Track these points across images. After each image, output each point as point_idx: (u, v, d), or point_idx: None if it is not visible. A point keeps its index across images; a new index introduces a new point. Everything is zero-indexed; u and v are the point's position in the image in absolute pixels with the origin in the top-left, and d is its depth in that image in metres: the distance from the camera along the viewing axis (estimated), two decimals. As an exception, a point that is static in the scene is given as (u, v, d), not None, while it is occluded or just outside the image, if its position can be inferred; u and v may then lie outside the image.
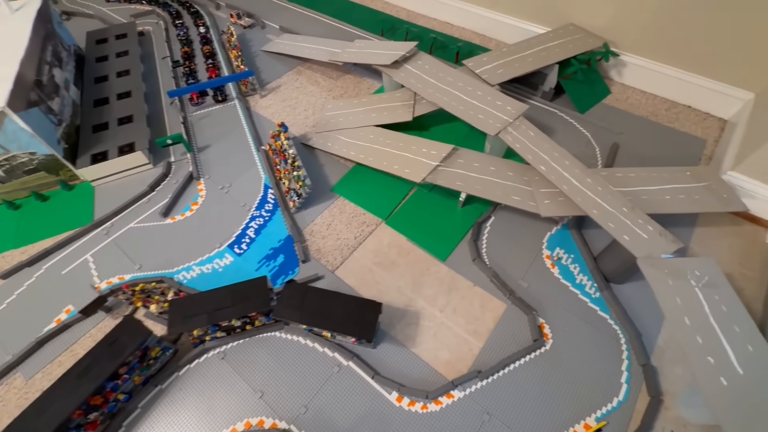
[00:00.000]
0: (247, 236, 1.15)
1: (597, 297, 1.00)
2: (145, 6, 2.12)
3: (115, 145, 1.29)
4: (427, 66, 1.38)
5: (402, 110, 1.35)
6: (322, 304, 0.87)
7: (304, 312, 0.86)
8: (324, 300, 0.88)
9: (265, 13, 2.03)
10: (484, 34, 1.85)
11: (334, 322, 0.85)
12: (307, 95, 1.58)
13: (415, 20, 1.96)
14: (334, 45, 1.64)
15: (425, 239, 1.12)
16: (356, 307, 0.87)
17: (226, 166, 1.34)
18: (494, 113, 1.19)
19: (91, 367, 0.79)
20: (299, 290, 0.90)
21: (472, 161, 1.14)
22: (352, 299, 0.88)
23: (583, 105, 1.46)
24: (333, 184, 1.27)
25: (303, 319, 0.85)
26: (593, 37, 1.50)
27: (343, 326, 0.84)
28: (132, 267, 1.10)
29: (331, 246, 1.13)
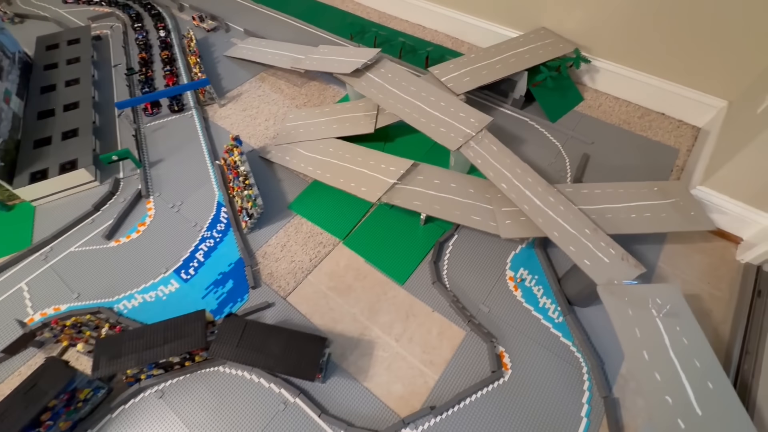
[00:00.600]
0: (196, 260, 1.08)
1: (560, 322, 0.95)
2: (105, 8, 2.02)
3: (56, 162, 1.21)
4: (390, 74, 1.31)
5: (365, 121, 1.28)
6: (262, 340, 0.81)
7: (241, 349, 0.80)
8: (265, 335, 0.82)
9: (231, 16, 1.95)
10: (456, 37, 1.79)
11: (274, 360, 0.79)
12: (269, 104, 1.51)
13: (387, 22, 1.89)
14: (298, 50, 1.57)
15: (384, 261, 1.06)
16: (299, 343, 0.81)
17: (179, 183, 1.27)
18: (457, 126, 1.13)
19: (4, 417, 0.72)
20: (238, 324, 0.83)
21: (433, 178, 1.08)
22: (296, 334, 0.82)
23: (554, 113, 1.41)
24: (290, 201, 1.21)
25: (240, 358, 0.79)
26: (564, 42, 1.44)
27: (283, 365, 0.78)
28: (70, 296, 1.03)
29: (285, 269, 1.06)
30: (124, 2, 2.02)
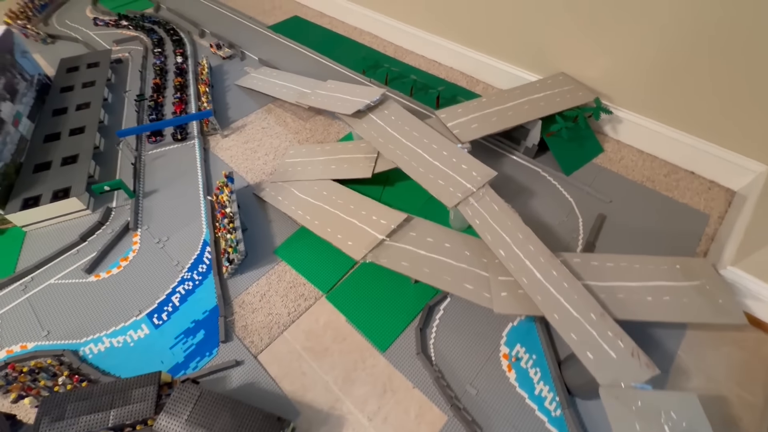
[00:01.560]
0: (171, 303, 1.03)
1: (558, 416, 0.83)
2: (131, 32, 2.08)
3: (50, 188, 1.20)
4: (394, 117, 1.25)
5: (363, 164, 1.22)
6: (214, 415, 0.73)
7: (190, 425, 0.72)
8: (218, 408, 0.74)
9: (249, 44, 1.96)
10: (471, 76, 1.72)
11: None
12: (271, 137, 1.48)
13: (402, 57, 1.86)
14: (307, 84, 1.54)
15: (366, 323, 0.98)
16: (255, 423, 0.73)
17: (169, 216, 1.23)
18: (457, 179, 1.05)
19: (-69, 480, 0.67)
20: (192, 394, 0.76)
21: (426, 235, 1.00)
22: (253, 412, 0.74)
23: (570, 165, 1.30)
24: (277, 245, 1.15)
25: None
26: (585, 89, 1.35)
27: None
28: (39, 333, 0.99)
29: (261, 322, 0.99)
30: (150, 27, 2.08)
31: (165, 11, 2.27)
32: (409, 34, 1.84)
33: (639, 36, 1.17)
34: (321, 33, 2.05)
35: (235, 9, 2.27)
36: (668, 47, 1.13)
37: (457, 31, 1.66)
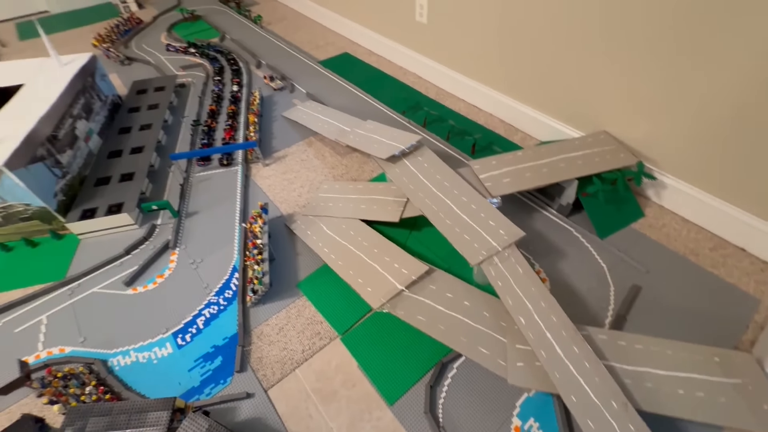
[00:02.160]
0: (196, 326, 1.08)
1: (567, 506, 0.77)
2: (196, 59, 2.28)
3: (107, 202, 1.32)
4: (427, 164, 1.28)
5: (392, 208, 1.24)
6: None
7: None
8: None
9: (300, 77, 2.09)
10: (510, 124, 1.72)
11: (224, 481, 0.72)
12: (308, 170, 1.54)
13: (443, 99, 1.90)
14: (348, 122, 1.61)
15: (377, 372, 0.97)
16: (255, 465, 0.74)
17: (206, 238, 1.31)
18: (483, 235, 1.04)
19: (-36, 473, 0.73)
20: (200, 425, 0.79)
21: (446, 290, 0.99)
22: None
23: (605, 228, 1.26)
24: (301, 279, 1.18)
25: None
26: (627, 151, 1.31)
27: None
28: (77, 339, 1.07)
29: (275, 356, 1.02)
30: (213, 55, 2.27)
31: (229, 41, 2.47)
32: (450, 77, 1.89)
33: (688, 99, 1.13)
34: (368, 71, 2.15)
35: (291, 43, 2.43)
36: (718, 113, 1.08)
37: (499, 78, 1.68)
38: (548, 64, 1.45)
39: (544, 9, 1.36)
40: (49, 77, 1.48)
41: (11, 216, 1.24)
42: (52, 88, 1.41)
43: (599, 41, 1.26)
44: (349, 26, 2.41)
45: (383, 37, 2.19)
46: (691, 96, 1.11)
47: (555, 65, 1.43)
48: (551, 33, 1.38)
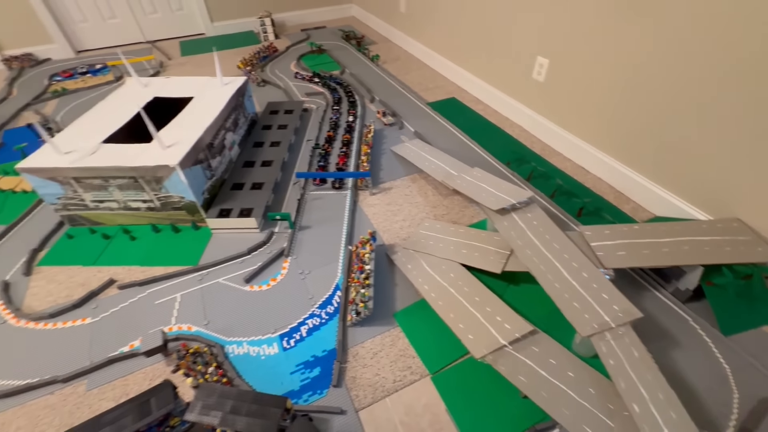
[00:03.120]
0: (299, 333, 1.18)
1: None
2: (319, 88, 2.56)
3: (239, 206, 1.52)
4: (536, 222, 1.29)
5: (494, 258, 1.27)
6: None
7: (301, 460, 0.81)
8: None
9: (408, 115, 2.24)
10: (621, 192, 1.67)
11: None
12: (411, 205, 1.63)
13: (549, 156, 1.90)
14: (454, 165, 1.69)
15: (467, 421, 0.98)
16: (352, 484, 0.78)
17: (314, 253, 1.44)
18: (595, 307, 1.02)
19: (120, 418, 0.87)
20: (307, 429, 0.86)
21: (549, 355, 0.98)
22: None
23: (731, 325, 1.14)
24: (397, 310, 1.24)
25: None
26: (765, 245, 1.20)
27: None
28: (202, 321, 1.23)
29: (368, 380, 1.07)
30: (334, 86, 2.53)
31: (348, 75, 2.74)
32: (559, 135, 1.89)
33: None
34: (473, 117, 2.23)
35: (403, 83, 2.62)
36: None
37: (614, 143, 1.65)
38: (676, 135, 1.40)
39: (679, 76, 1.33)
40: (213, 93, 1.77)
41: (167, 204, 1.48)
42: (216, 103, 1.69)
43: (744, 116, 1.20)
44: (459, 73, 2.54)
45: (493, 88, 2.28)
46: None
47: (684, 137, 1.38)
48: (683, 102, 1.34)
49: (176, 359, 1.08)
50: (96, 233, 1.53)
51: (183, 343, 1.10)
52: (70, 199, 1.46)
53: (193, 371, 1.04)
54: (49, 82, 2.74)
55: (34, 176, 1.37)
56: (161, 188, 1.42)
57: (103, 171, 1.35)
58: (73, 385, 1.08)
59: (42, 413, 1.03)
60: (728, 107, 1.23)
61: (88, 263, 1.42)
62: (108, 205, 1.48)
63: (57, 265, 1.42)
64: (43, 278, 1.38)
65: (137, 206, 1.49)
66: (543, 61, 1.86)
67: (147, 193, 1.44)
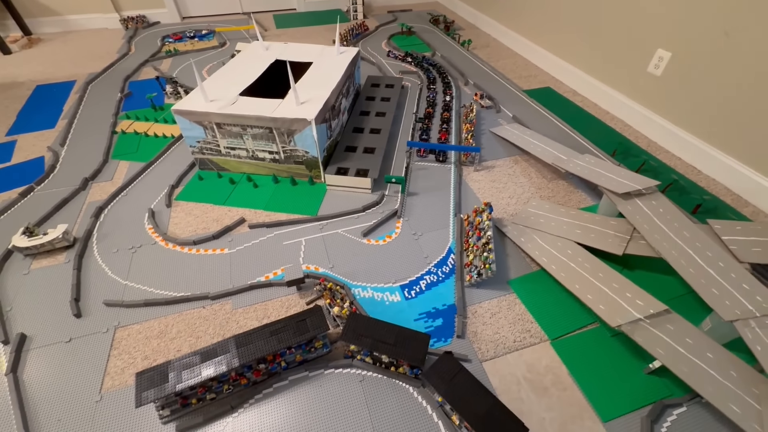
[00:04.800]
0: (419, 286, 1.25)
1: None
2: (412, 67, 2.61)
3: (355, 166, 1.61)
4: (662, 210, 1.28)
5: (613, 241, 1.27)
6: (469, 392, 0.88)
7: (451, 389, 0.88)
8: (473, 389, 0.88)
9: (504, 100, 2.25)
10: (739, 195, 1.60)
11: (478, 419, 0.84)
12: (515, 185, 1.66)
13: (655, 152, 1.85)
14: (561, 150, 1.69)
15: (589, 383, 1.01)
16: (502, 417, 0.84)
17: (424, 218, 1.50)
18: (735, 295, 1.01)
19: (281, 331, 0.98)
20: (453, 366, 0.93)
21: (685, 335, 0.99)
22: (500, 406, 0.86)
23: None
24: (511, 278, 1.28)
25: (448, 397, 0.87)
26: None
27: (482, 427, 0.82)
28: (327, 264, 1.33)
29: (488, 337, 1.13)
30: (427, 66, 2.58)
31: (438, 57, 2.77)
32: (669, 131, 1.84)
33: None
34: (571, 108, 2.20)
35: (496, 69, 2.62)
36: None
37: (736, 143, 1.59)
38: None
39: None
40: (331, 61, 1.87)
41: (291, 157, 1.59)
42: (336, 69, 1.78)
43: None
44: (555, 62, 2.50)
45: (594, 79, 2.23)
46: None
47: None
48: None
49: (314, 293, 1.19)
50: (222, 178, 1.68)
51: (322, 278, 1.20)
52: (207, 143, 1.60)
53: (338, 302, 1.14)
54: (162, 42, 2.97)
55: (185, 119, 1.52)
56: (291, 141, 1.53)
57: (245, 120, 1.48)
58: (221, 303, 1.22)
59: (197, 322, 1.16)
60: None
61: (218, 202, 1.56)
62: (238, 153, 1.62)
63: (192, 201, 1.58)
64: (182, 211, 1.54)
65: (263, 156, 1.61)
66: (664, 54, 1.80)
67: (276, 145, 1.56)
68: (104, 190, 1.63)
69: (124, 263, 1.33)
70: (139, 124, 2.02)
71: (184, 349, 1.10)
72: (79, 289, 1.24)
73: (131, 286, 1.26)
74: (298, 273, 1.19)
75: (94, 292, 1.24)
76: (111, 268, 1.31)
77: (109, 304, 1.20)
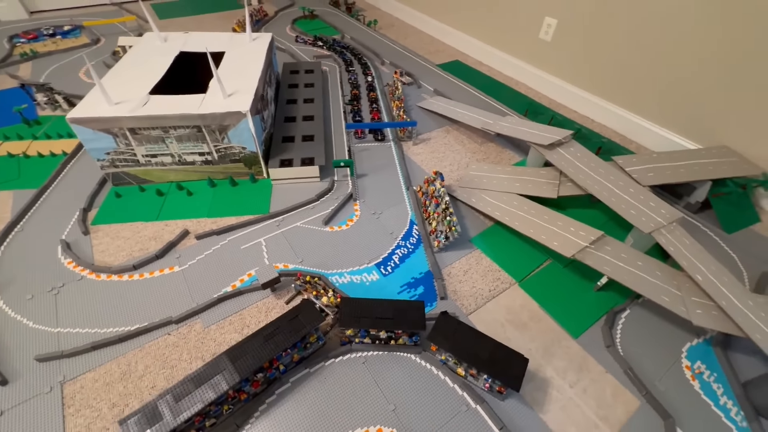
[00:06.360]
0: (393, 261, 1.28)
1: (744, 426, 0.95)
2: (325, 51, 2.56)
3: (299, 156, 1.55)
4: (579, 154, 1.49)
5: (547, 187, 1.45)
6: (471, 343, 0.95)
7: (454, 344, 0.94)
8: (474, 339, 0.95)
9: (422, 76, 2.34)
10: (624, 136, 1.94)
11: (483, 363, 0.91)
12: (453, 152, 1.77)
13: (557, 109, 2.13)
14: (485, 115, 1.84)
15: (557, 311, 1.16)
16: (503, 355, 0.93)
17: (378, 196, 1.52)
18: (648, 213, 1.24)
19: (276, 333, 0.93)
20: (451, 323, 0.98)
21: (620, 252, 1.19)
22: (500, 346, 0.95)
23: (731, 226, 1.45)
24: (471, 237, 1.38)
25: (455, 351, 0.93)
26: (749, 164, 1.51)
27: (491, 369, 0.90)
28: (295, 259, 1.27)
29: (467, 292, 1.21)
30: (340, 50, 2.54)
31: (349, 39, 2.75)
32: (564, 89, 2.13)
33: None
34: (481, 77, 2.39)
35: (407, 47, 2.70)
36: None
37: (618, 92, 1.91)
38: (673, 79, 1.68)
39: (676, 28, 1.59)
40: (245, 48, 1.74)
41: (226, 156, 1.46)
42: (254, 56, 1.66)
43: (727, 60, 1.48)
44: (459, 36, 2.68)
45: (496, 50, 2.45)
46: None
47: (679, 80, 1.65)
48: (678, 50, 1.61)
49: (291, 291, 1.14)
50: (146, 191, 1.47)
51: (299, 274, 1.15)
52: (120, 153, 1.38)
53: (322, 292, 1.10)
54: (11, 44, 2.41)
55: (86, 128, 1.29)
56: (224, 138, 1.40)
57: (167, 120, 1.31)
58: (188, 325, 1.09)
59: (166, 351, 1.03)
60: (716, 55, 1.50)
61: (149, 219, 1.38)
62: (161, 159, 1.43)
63: (114, 223, 1.36)
64: (106, 235, 1.32)
65: (192, 160, 1.46)
66: (551, 21, 2.06)
67: (206, 145, 1.41)
68: (-13, 229, 1.31)
69: (47, 309, 1.10)
70: (12, 145, 1.65)
71: (159, 383, 0.97)
72: (-8, 352, 1.00)
73: (66, 332, 1.06)
74: (272, 273, 1.12)
75: (16, 351, 1.01)
76: (31, 318, 1.08)
77: (43, 359, 0.99)
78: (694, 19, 1.54)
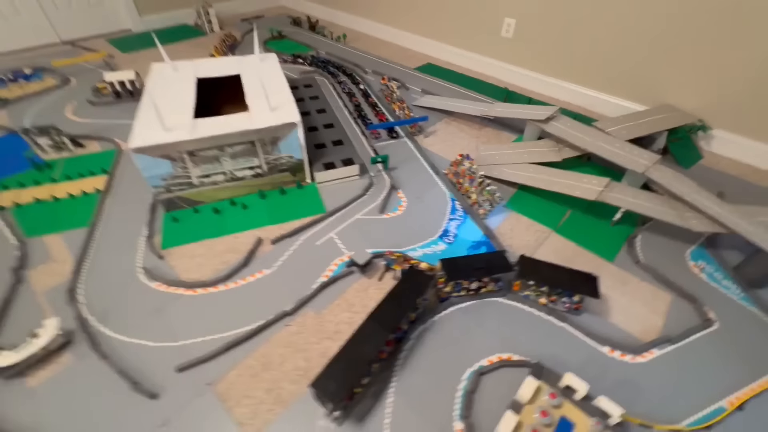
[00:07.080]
0: (451, 233, 1.48)
1: (742, 296, 1.28)
2: (308, 67, 2.70)
3: (338, 158, 1.69)
4: (569, 124, 1.82)
5: (550, 153, 1.76)
6: (552, 272, 1.18)
7: (540, 277, 1.17)
8: (552, 269, 1.19)
9: (405, 79, 2.59)
10: (586, 108, 2.34)
11: (566, 284, 1.15)
12: (459, 139, 2.02)
13: (528, 94, 2.48)
14: (479, 105, 2.13)
15: (592, 245, 1.44)
16: (578, 275, 1.17)
17: (414, 184, 1.72)
18: (635, 158, 1.59)
19: (400, 296, 1.08)
20: (530, 263, 1.21)
21: (624, 191, 1.51)
22: (572, 271, 1.19)
23: (687, 162, 1.86)
24: (505, 203, 1.63)
25: (542, 281, 1.15)
26: (687, 115, 1.95)
27: (574, 287, 1.14)
28: (370, 244, 1.42)
29: (519, 244, 1.45)
30: (322, 64, 2.70)
31: (324, 54, 2.92)
32: (530, 77, 2.50)
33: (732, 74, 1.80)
34: (455, 75, 2.70)
35: (380, 56, 2.94)
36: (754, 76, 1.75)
37: (575, 73, 2.31)
38: (619, 55, 2.09)
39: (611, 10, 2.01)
40: (258, 68, 1.84)
41: (275, 167, 1.57)
42: (273, 73, 1.78)
43: (662, 30, 1.92)
44: (425, 42, 2.97)
45: (463, 50, 2.78)
46: (734, 71, 1.78)
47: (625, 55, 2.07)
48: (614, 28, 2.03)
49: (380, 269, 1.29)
50: (200, 212, 1.52)
51: (388, 251, 1.31)
52: (176, 178, 1.43)
53: (415, 261, 1.27)
54: (-33, 92, 2.24)
55: (147, 155, 1.33)
56: (275, 149, 1.51)
57: (226, 138, 1.39)
58: (302, 315, 1.20)
59: (293, 338, 1.13)
60: (652, 28, 1.94)
61: (217, 234, 1.44)
62: (213, 179, 1.50)
63: (183, 244, 1.40)
64: (181, 256, 1.36)
65: (242, 175, 1.54)
66: (510, 21, 2.42)
67: (258, 158, 1.51)
68: (51, 272, 1.29)
69: (158, 327, 1.14)
70: (34, 190, 1.59)
71: (300, 365, 1.07)
72: (128, 374, 1.03)
73: (188, 343, 1.11)
74: (366, 255, 1.27)
75: (150, 368, 1.05)
76: (147, 339, 1.11)
77: (183, 368, 1.04)
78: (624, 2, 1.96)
